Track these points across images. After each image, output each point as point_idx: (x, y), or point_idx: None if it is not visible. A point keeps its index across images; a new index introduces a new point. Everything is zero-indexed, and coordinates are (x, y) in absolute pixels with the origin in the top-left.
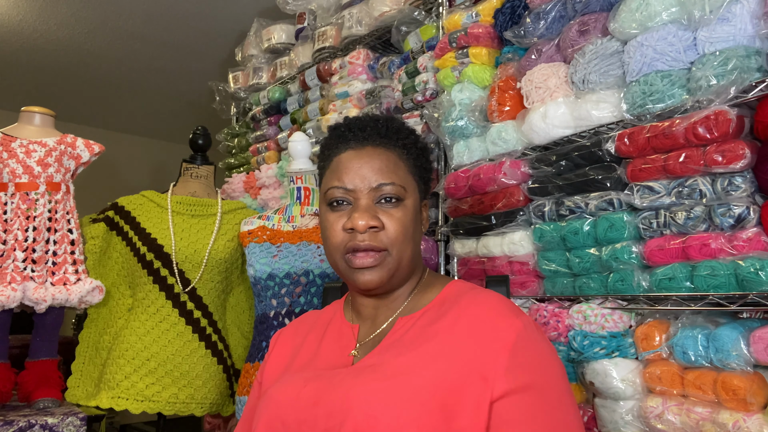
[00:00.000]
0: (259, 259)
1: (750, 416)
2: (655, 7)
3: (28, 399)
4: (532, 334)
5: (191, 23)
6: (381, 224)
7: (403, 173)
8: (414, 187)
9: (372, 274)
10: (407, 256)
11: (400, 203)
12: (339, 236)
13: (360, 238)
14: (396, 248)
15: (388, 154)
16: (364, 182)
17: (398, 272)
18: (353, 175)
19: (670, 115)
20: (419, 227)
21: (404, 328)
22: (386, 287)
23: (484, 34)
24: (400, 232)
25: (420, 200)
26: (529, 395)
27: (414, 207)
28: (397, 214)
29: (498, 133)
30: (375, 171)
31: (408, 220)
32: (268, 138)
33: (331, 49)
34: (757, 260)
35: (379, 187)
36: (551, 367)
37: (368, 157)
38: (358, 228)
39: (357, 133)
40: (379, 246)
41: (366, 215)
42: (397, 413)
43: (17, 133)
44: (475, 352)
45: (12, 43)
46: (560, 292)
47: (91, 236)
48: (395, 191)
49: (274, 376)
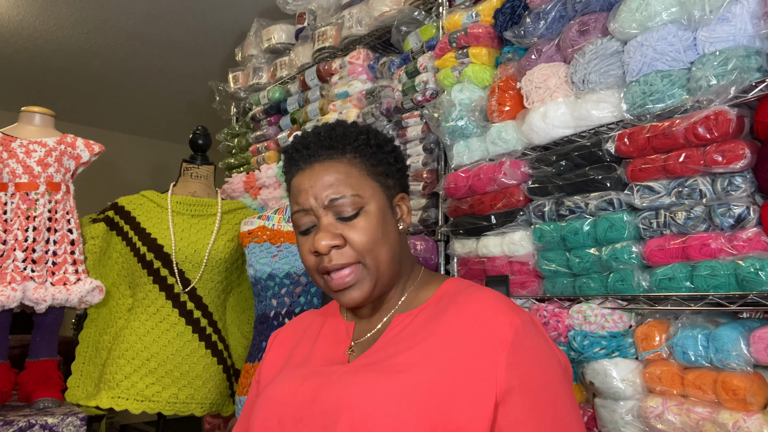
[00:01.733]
0: (259, 259)
1: (750, 416)
2: (655, 7)
3: (28, 399)
4: (530, 331)
5: (191, 23)
6: (342, 241)
7: (357, 180)
8: (374, 188)
9: (353, 292)
10: (384, 260)
11: (361, 212)
12: (311, 260)
13: (326, 260)
14: (368, 256)
15: (336, 166)
16: (318, 201)
17: (380, 278)
18: (306, 196)
19: (670, 115)
20: (392, 226)
21: (401, 325)
22: (374, 297)
23: (484, 34)
24: (365, 240)
25: (388, 198)
26: (529, 394)
27: (379, 209)
28: (359, 224)
29: (498, 133)
30: (325, 187)
31: (373, 225)
32: (268, 138)
33: (331, 49)
34: (757, 260)
35: (332, 203)
36: (550, 363)
37: (316, 174)
38: (321, 250)
39: (302, 152)
40: (348, 261)
41: (327, 235)
42: (394, 411)
43: (17, 133)
44: (473, 350)
45: (12, 43)
46: (560, 292)
47: (91, 236)
48: (350, 202)
49: (271, 375)
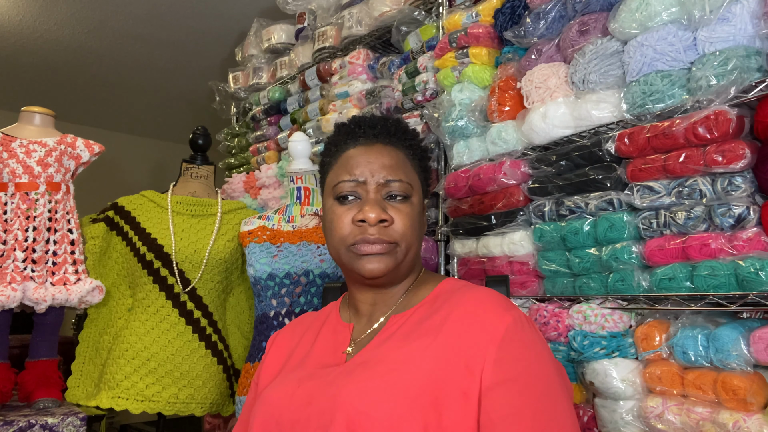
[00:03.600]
0: (259, 259)
1: (750, 416)
2: (655, 7)
3: (28, 399)
4: (521, 328)
5: (191, 23)
6: (390, 218)
7: (410, 172)
8: (419, 186)
9: (379, 262)
10: (413, 251)
11: (408, 200)
12: (347, 228)
13: (370, 231)
14: (404, 242)
15: (396, 153)
16: (374, 176)
17: (402, 265)
18: (363, 169)
19: (670, 115)
20: (423, 225)
21: (396, 324)
22: (389, 277)
23: (484, 34)
24: (408, 226)
25: (424, 198)
26: (516, 387)
27: (419, 205)
28: (405, 209)
29: (498, 133)
30: (385, 167)
31: (415, 214)
32: (268, 138)
33: (331, 49)
34: (757, 260)
35: (388, 183)
36: (540, 359)
37: (378, 153)
38: (369, 220)
39: (367, 130)
40: (388, 239)
41: (377, 208)
42: (388, 409)
43: (17, 133)
44: (464, 346)
45: (12, 43)
46: (560, 292)
47: (91, 236)
48: (403, 188)
49: (270, 377)
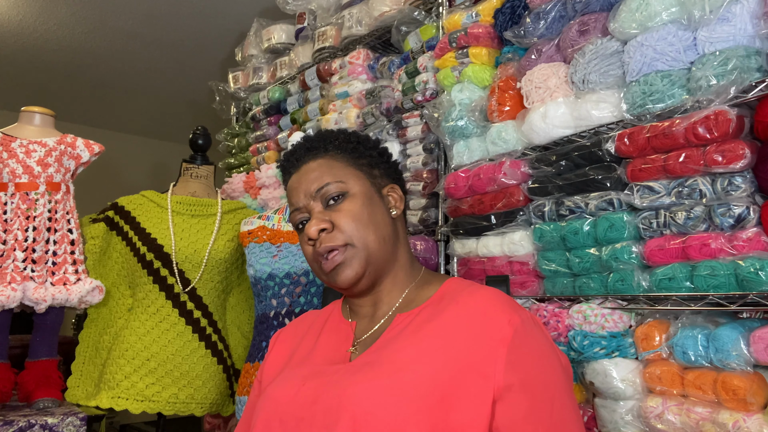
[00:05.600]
0: (259, 259)
1: (750, 416)
2: (655, 7)
3: (28, 399)
4: (530, 329)
5: (191, 23)
6: (330, 225)
7: (339, 170)
8: (358, 176)
9: (345, 271)
10: (373, 240)
11: (345, 197)
12: (309, 250)
13: (317, 246)
14: (355, 237)
15: (319, 162)
16: (307, 194)
17: (372, 259)
18: (298, 194)
19: (670, 115)
20: (380, 210)
21: (402, 324)
22: (369, 277)
23: (484, 34)
24: (350, 222)
25: (374, 185)
26: (528, 392)
27: (363, 193)
28: (344, 207)
29: (498, 133)
30: (311, 181)
31: (357, 207)
32: (268, 138)
33: (331, 49)
34: (757, 260)
35: (317, 192)
36: (549, 361)
37: (304, 173)
38: (311, 235)
39: (291, 160)
40: (337, 243)
41: (315, 221)
42: (395, 409)
43: (17, 133)
44: (472, 347)
45: (12, 43)
46: (560, 292)
47: (91, 236)
48: (333, 188)
49: (273, 374)
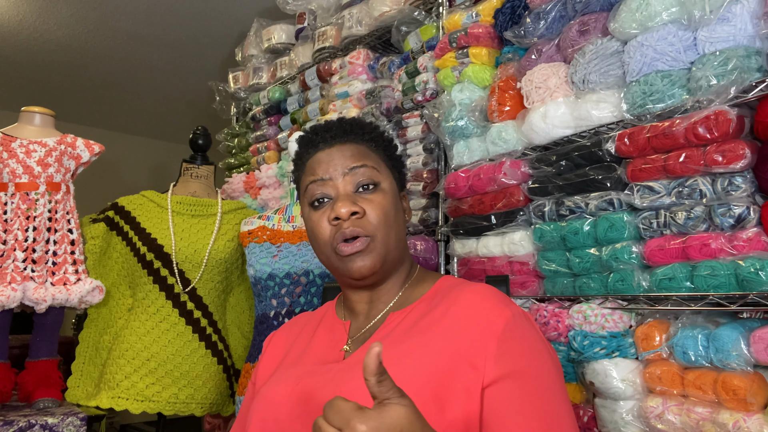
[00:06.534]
0: (259, 259)
1: (750, 416)
2: (655, 7)
3: (28, 399)
4: (520, 323)
5: (191, 23)
6: (362, 210)
7: (375, 159)
8: (388, 173)
9: (363, 260)
10: (393, 242)
11: (378, 188)
12: (326, 231)
13: (345, 226)
14: (380, 233)
15: (356, 145)
16: (338, 169)
17: (388, 258)
18: (326, 166)
19: (670, 115)
20: (400, 215)
21: (395, 322)
22: (379, 274)
23: (484, 34)
24: (381, 216)
25: (397, 188)
26: (517, 382)
27: (392, 192)
28: (376, 199)
29: (498, 133)
30: (346, 158)
31: (388, 204)
32: (268, 138)
33: (331, 49)
34: (757, 260)
35: (353, 170)
36: (540, 355)
37: (338, 150)
38: (342, 215)
39: (323, 135)
40: (364, 232)
41: (347, 202)
42: None
43: (17, 133)
44: (464, 341)
45: (12, 43)
46: (560, 292)
47: (91, 236)
48: (369, 173)
49: (267, 376)
